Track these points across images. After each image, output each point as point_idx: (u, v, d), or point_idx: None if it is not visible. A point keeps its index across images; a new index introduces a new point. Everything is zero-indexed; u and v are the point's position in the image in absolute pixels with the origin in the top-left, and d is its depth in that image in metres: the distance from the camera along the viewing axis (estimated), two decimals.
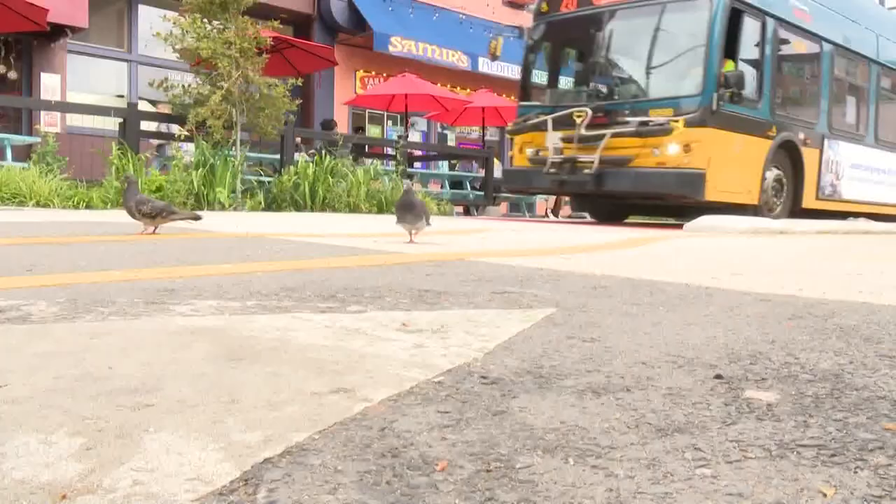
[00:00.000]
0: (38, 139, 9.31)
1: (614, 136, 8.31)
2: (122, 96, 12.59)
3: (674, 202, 9.02)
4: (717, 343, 1.43)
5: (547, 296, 2.00)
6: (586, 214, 14.20)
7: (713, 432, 0.92)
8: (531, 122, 9.23)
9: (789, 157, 9.46)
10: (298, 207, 9.46)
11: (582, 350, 1.34)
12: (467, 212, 15.83)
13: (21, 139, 10.02)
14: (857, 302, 2.07)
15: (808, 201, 9.86)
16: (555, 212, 16.53)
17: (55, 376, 1.06)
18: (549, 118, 8.80)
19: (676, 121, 8.07)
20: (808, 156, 9.74)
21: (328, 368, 1.15)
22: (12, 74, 11.45)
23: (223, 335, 1.37)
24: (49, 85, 11.33)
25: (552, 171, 8.83)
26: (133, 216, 3.58)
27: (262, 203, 9.39)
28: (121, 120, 9.19)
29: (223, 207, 9.01)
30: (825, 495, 0.74)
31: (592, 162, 8.38)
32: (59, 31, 11.18)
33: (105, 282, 2.02)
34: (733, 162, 8.51)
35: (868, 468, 0.81)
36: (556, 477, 0.77)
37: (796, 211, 10.02)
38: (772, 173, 9.15)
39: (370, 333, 1.43)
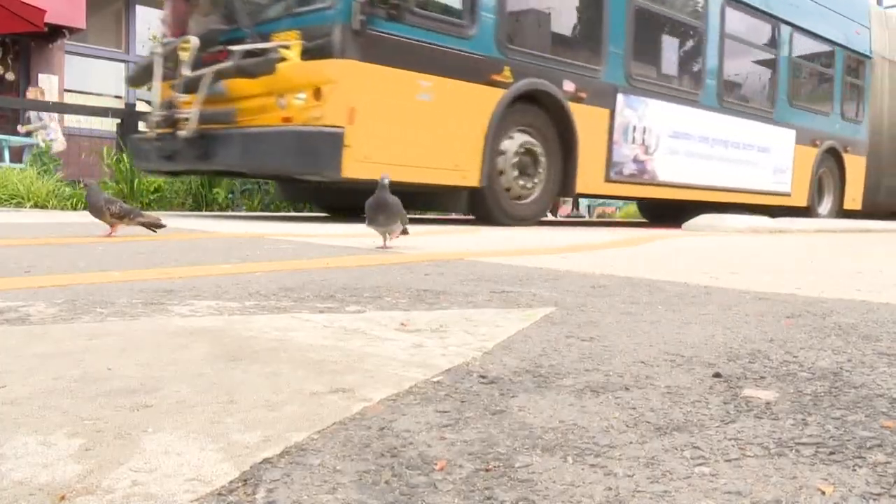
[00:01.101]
0: (36, 141, 9.31)
1: (218, 76, 5.36)
2: (119, 97, 12.59)
3: (309, 179, 5.69)
4: (715, 342, 1.44)
5: (546, 295, 2.00)
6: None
7: (712, 431, 0.92)
8: (145, 63, 6.10)
9: (551, 117, 6.51)
10: (297, 208, 9.45)
11: (581, 349, 1.34)
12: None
13: (19, 140, 10.01)
14: (856, 300, 2.07)
15: (590, 183, 7.05)
16: (553, 211, 16.53)
17: (54, 377, 1.06)
18: (157, 55, 5.84)
19: (288, 47, 5.15)
20: (587, 117, 6.71)
21: (327, 368, 1.15)
22: (9, 76, 11.45)
23: (222, 335, 1.37)
24: (47, 87, 11.31)
25: (153, 136, 5.85)
26: (102, 216, 3.42)
27: (261, 204, 9.39)
28: (119, 121, 9.19)
29: (221, 208, 9.01)
30: (824, 493, 0.74)
31: (189, 119, 5.46)
32: (56, 32, 11.17)
33: (104, 282, 2.02)
34: (416, 118, 5.47)
35: (866, 466, 0.81)
36: (554, 476, 0.77)
37: (567, 197, 8.74)
38: (513, 142, 6.19)
39: (369, 333, 1.43)
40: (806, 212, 10.18)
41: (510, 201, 6.40)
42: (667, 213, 10.07)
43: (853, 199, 11.36)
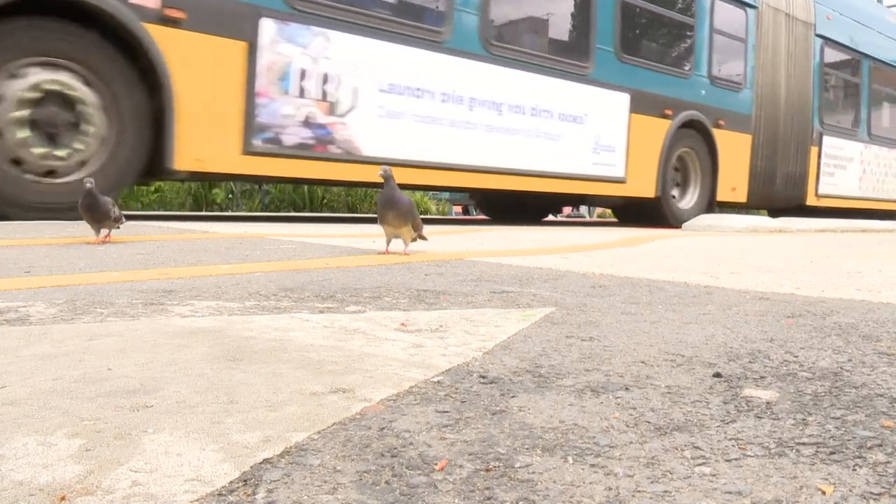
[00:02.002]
0: None
1: None
2: None
3: None
4: (715, 341, 1.44)
5: (546, 295, 2.00)
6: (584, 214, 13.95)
7: (712, 431, 0.92)
8: None
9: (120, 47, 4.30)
10: (297, 208, 9.46)
11: (581, 349, 1.34)
12: (465, 211, 15.83)
13: None
14: (856, 300, 2.07)
15: (212, 156, 4.76)
16: (554, 211, 16.53)
17: (54, 377, 1.06)
18: None
19: None
20: (194, 50, 4.52)
21: (327, 368, 1.15)
22: None
23: (222, 336, 1.37)
24: None
25: None
26: (104, 222, 3.06)
27: (261, 204, 9.40)
28: None
29: (221, 208, 9.02)
30: (824, 493, 0.74)
31: None
32: None
33: (103, 283, 2.02)
34: None
35: (867, 466, 0.81)
36: (555, 476, 0.77)
37: (152, 175, 4.83)
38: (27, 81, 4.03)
39: (369, 333, 1.43)
40: (655, 204, 8.05)
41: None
42: (507, 206, 8.97)
43: (733, 190, 9.06)
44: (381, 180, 2.87)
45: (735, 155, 9.03)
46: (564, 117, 7.02)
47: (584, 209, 17.83)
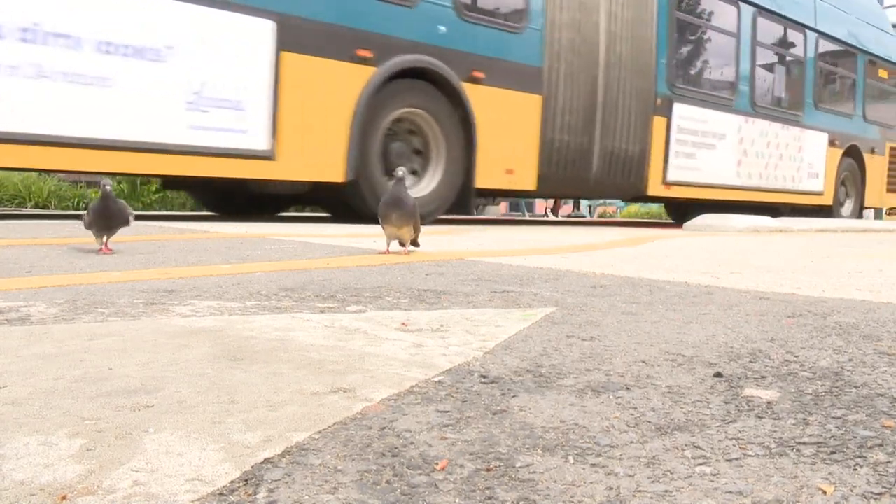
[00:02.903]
0: None
1: None
2: None
3: None
4: (716, 341, 1.43)
5: (546, 295, 2.00)
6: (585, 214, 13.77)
7: (713, 430, 0.92)
8: None
9: None
10: (298, 208, 9.45)
11: (581, 349, 1.34)
12: None
13: None
14: (856, 300, 2.07)
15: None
16: (554, 211, 16.54)
17: (55, 377, 1.06)
18: None
19: None
20: None
21: (328, 368, 1.15)
22: None
23: (223, 335, 1.37)
24: None
25: None
26: (120, 225, 2.78)
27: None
28: None
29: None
30: (825, 493, 0.74)
31: None
32: None
33: (104, 283, 2.02)
34: None
35: (867, 465, 0.81)
36: (555, 476, 0.77)
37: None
38: None
39: (370, 333, 1.43)
40: (352, 191, 5.59)
41: None
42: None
43: (508, 172, 6.55)
44: None
45: (510, 123, 6.43)
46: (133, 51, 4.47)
47: (584, 209, 17.83)
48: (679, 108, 8.10)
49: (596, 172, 7.34)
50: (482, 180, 6.36)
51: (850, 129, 11.04)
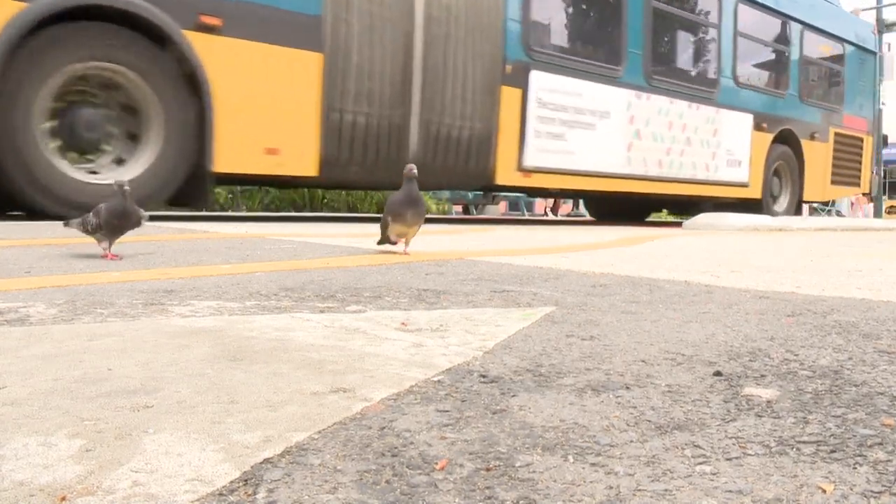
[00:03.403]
0: None
1: None
2: None
3: None
4: (716, 340, 1.43)
5: (546, 294, 2.00)
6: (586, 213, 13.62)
7: (712, 429, 0.92)
8: None
9: None
10: (297, 208, 9.46)
11: (581, 348, 1.34)
12: (465, 210, 15.83)
13: None
14: (856, 298, 2.07)
15: None
16: (554, 210, 16.54)
17: (54, 378, 1.06)
18: None
19: None
20: None
21: (327, 368, 1.15)
22: None
23: (222, 335, 1.37)
24: None
25: None
26: (134, 227, 2.68)
27: (261, 204, 9.40)
28: None
29: (221, 208, 9.01)
30: (824, 491, 0.74)
31: None
32: None
33: (104, 283, 2.02)
34: None
35: (867, 464, 0.81)
36: (555, 475, 0.77)
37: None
38: None
39: (369, 333, 1.43)
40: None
41: None
42: None
43: (268, 153, 5.14)
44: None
45: (269, 87, 5.05)
46: None
47: (584, 209, 17.83)
48: (539, 78, 6.60)
49: (416, 156, 5.77)
50: (227, 162, 4.90)
51: (782, 110, 9.63)
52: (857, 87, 11.31)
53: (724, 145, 8.77)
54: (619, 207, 10.42)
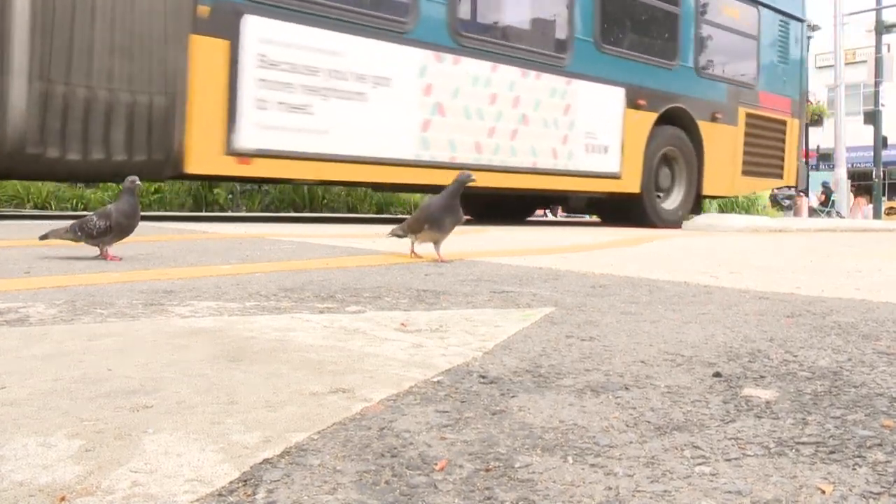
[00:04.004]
0: None
1: None
2: None
3: None
4: (715, 341, 1.44)
5: (545, 295, 2.00)
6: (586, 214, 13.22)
7: (712, 430, 0.92)
8: None
9: None
10: (297, 208, 9.45)
11: (581, 349, 1.34)
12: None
13: None
14: (855, 299, 2.07)
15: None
16: (553, 211, 16.53)
17: (54, 378, 1.06)
18: None
19: None
20: None
21: (327, 369, 1.15)
22: None
23: (222, 336, 1.37)
24: None
25: None
26: (128, 234, 2.60)
27: (261, 204, 9.40)
28: None
29: (221, 208, 9.01)
30: (823, 492, 0.74)
31: None
32: None
33: (103, 283, 2.02)
34: None
35: (866, 465, 0.81)
36: (555, 476, 0.77)
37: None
38: None
39: (369, 333, 1.43)
40: None
41: None
42: None
43: None
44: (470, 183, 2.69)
45: None
46: None
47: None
48: (260, 27, 4.88)
49: (17, 133, 4.18)
50: None
51: (670, 85, 7.82)
52: (777, 60, 9.21)
53: (580, 126, 6.89)
54: (494, 204, 8.48)
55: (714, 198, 9.79)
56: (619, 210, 7.94)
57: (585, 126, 6.99)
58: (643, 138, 7.56)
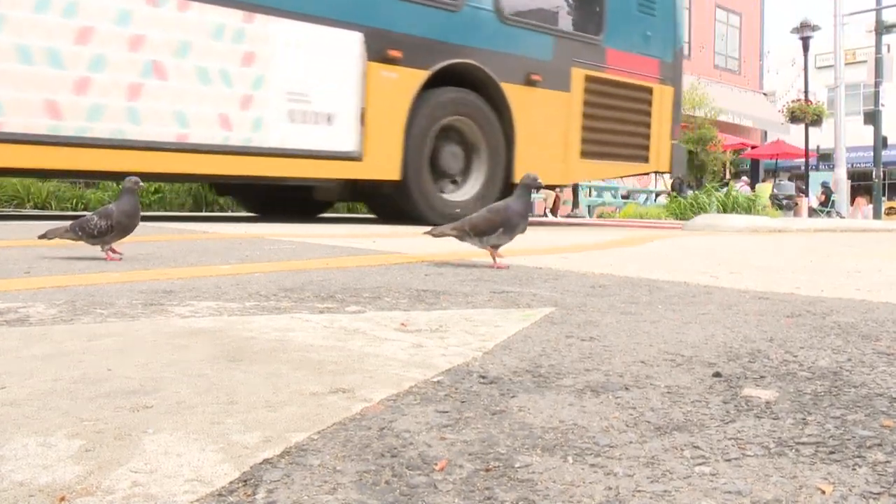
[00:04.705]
0: None
1: None
2: None
3: None
4: (715, 341, 1.44)
5: (545, 295, 2.00)
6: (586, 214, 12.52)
7: (712, 430, 0.92)
8: None
9: None
10: None
11: (581, 349, 1.34)
12: None
13: None
14: (855, 299, 2.07)
15: None
16: (553, 211, 16.54)
17: (54, 378, 1.06)
18: None
19: None
20: None
21: (327, 369, 1.15)
22: None
23: (222, 336, 1.37)
24: None
25: None
26: (128, 233, 2.61)
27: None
28: None
29: (221, 208, 9.01)
30: (823, 492, 0.74)
31: None
32: None
33: (103, 283, 2.02)
34: None
35: (866, 465, 0.81)
36: (555, 476, 0.77)
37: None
38: None
39: (369, 333, 1.43)
40: None
41: None
42: None
43: None
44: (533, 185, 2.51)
45: None
46: None
47: (584, 209, 17.87)
48: None
49: None
50: None
51: (450, 32, 5.89)
52: (636, 9, 7.25)
53: (277, 84, 5.07)
54: (275, 197, 7.05)
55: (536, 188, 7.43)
56: (394, 203, 6.01)
57: (287, 84, 5.09)
58: (403, 105, 5.60)
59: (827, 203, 19.71)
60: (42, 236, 2.64)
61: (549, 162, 6.58)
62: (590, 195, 17.26)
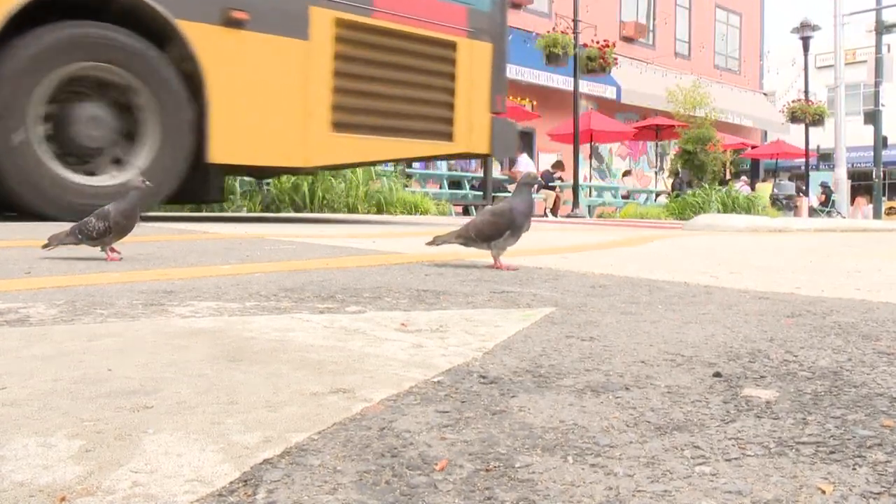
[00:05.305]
0: None
1: None
2: None
3: None
4: (715, 341, 1.44)
5: (546, 295, 2.00)
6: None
7: (712, 430, 0.92)
8: None
9: None
10: (298, 209, 9.44)
11: (581, 349, 1.34)
12: (466, 212, 15.84)
13: None
14: (856, 299, 2.07)
15: None
16: (553, 211, 16.54)
17: (54, 378, 1.06)
18: None
19: None
20: None
21: (327, 369, 1.15)
22: None
23: (222, 336, 1.37)
24: None
25: None
26: (126, 233, 2.60)
27: (262, 204, 9.39)
28: None
29: (221, 208, 9.00)
30: (824, 492, 0.74)
31: None
32: None
33: (104, 283, 2.02)
34: None
35: (866, 465, 0.81)
36: (555, 476, 0.77)
37: None
38: None
39: (369, 333, 1.43)
40: None
41: None
42: None
43: None
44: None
45: None
46: None
47: (584, 209, 17.86)
48: None
49: None
50: None
51: None
52: None
53: None
54: None
55: (262, 171, 5.68)
56: None
57: None
58: None
59: (827, 203, 19.71)
60: (45, 246, 2.63)
61: (276, 135, 5.02)
62: (590, 195, 17.27)
